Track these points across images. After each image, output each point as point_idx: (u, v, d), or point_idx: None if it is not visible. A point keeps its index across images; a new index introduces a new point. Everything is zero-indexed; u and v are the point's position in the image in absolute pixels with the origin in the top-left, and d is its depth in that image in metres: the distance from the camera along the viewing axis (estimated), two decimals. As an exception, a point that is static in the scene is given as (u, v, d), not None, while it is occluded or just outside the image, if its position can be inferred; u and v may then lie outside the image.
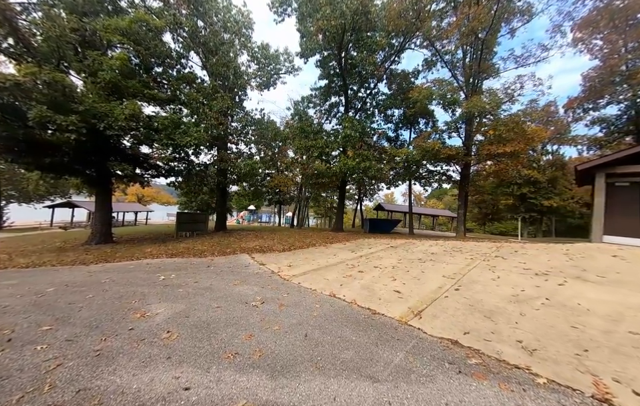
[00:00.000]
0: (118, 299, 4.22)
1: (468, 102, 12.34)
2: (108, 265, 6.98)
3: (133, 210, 37.76)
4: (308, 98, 17.84)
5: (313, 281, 5.40)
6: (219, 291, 4.65)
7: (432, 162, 15.31)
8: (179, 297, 4.34)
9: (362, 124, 14.44)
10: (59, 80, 6.72)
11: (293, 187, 29.45)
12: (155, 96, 9.82)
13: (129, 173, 9.18)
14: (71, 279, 5.45)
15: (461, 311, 3.73)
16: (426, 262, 6.62)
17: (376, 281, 5.24)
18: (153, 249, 9.46)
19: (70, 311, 3.75)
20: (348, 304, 4.12)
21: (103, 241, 10.92)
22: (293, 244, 10.64)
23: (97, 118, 7.52)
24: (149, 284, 5.06)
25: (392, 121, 18.90)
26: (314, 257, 7.94)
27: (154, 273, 5.98)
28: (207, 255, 8.28)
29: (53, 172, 9.46)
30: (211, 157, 15.69)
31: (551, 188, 34.40)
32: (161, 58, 12.35)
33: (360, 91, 17.94)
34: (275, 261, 7.42)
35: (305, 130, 15.14)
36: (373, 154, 14.83)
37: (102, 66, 8.75)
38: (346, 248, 9.65)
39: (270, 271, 6.21)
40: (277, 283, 5.22)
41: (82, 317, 3.54)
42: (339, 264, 6.87)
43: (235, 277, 5.68)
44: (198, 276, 5.71)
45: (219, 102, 12.94)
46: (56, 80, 6.67)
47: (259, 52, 18.88)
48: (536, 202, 34.15)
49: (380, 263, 6.78)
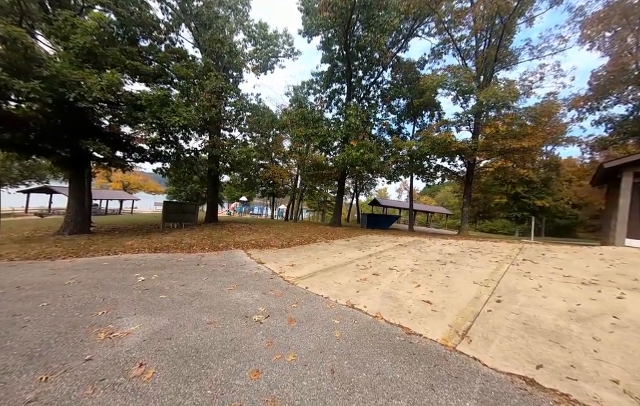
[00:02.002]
0: (80, 310, 3.29)
1: (485, 91, 11.64)
2: (79, 260, 5.95)
3: (118, 198, 35.78)
4: (309, 84, 16.75)
5: (323, 285, 4.60)
6: (211, 299, 3.78)
7: (440, 156, 14.65)
8: (161, 306, 3.46)
9: (366, 112, 13.56)
10: (17, 36, 5.52)
11: (288, 179, 28.43)
12: (138, 68, 8.60)
13: (107, 154, 8.02)
14: (26, 279, 4.44)
15: (517, 332, 3.02)
16: (447, 265, 5.93)
17: (398, 288, 4.49)
18: (135, 241, 8.42)
19: (10, 327, 2.81)
20: (373, 318, 3.35)
21: (78, 231, 9.75)
22: (292, 239, 9.81)
23: (66, 87, 6.35)
24: (124, 287, 4.13)
25: (395, 112, 18.09)
26: (318, 255, 7.14)
27: (132, 272, 5.04)
28: (197, 251, 7.34)
29: (15, 150, 8.14)
30: (202, 142, 14.48)
31: (544, 188, 34.78)
32: (147, 28, 11.04)
33: (364, 78, 16.97)
34: (274, 259, 6.57)
35: (305, 117, 14.12)
36: (377, 145, 14.01)
37: (76, 29, 7.51)
38: (350, 245, 8.89)
39: (271, 272, 5.37)
40: (281, 288, 4.40)
41: (23, 337, 2.62)
42: (348, 264, 6.09)
43: (230, 279, 4.81)
44: (186, 277, 4.81)
45: (212, 81, 11.75)
46: (13, 36, 5.48)
47: (257, 31, 17.60)
48: (529, 202, 34.47)
49: (395, 264, 6.04)
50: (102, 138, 8.34)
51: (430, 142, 12.88)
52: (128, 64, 8.36)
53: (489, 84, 12.77)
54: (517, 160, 13.83)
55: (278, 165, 26.49)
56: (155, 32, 11.96)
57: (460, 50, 14.64)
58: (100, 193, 33.82)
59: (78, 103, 6.53)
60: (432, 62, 17.95)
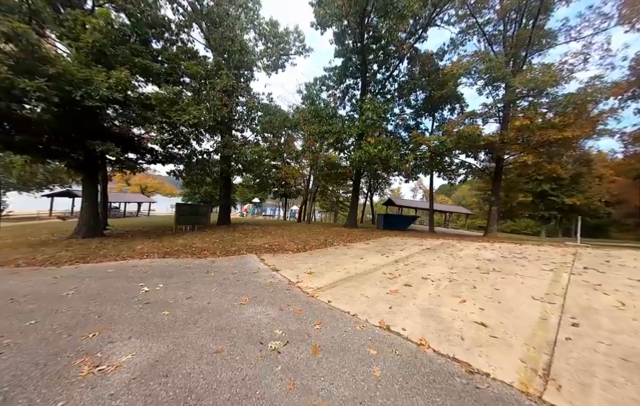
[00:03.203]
0: (70, 330, 2.82)
1: (520, 77, 10.52)
2: (85, 267, 5.63)
3: (135, 201, 36.71)
4: (321, 80, 16.14)
5: (348, 298, 3.96)
6: (220, 316, 3.23)
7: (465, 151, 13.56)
8: (161, 327, 2.93)
9: (383, 107, 12.78)
10: (22, 33, 5.30)
11: (300, 179, 27.96)
12: (148, 67, 8.32)
13: (116, 155, 7.79)
14: (24, 289, 4.09)
15: (618, 371, 2.25)
16: (491, 274, 5.12)
17: (439, 303, 3.77)
18: (145, 245, 8.11)
19: (-16, 354, 2.36)
20: (417, 347, 2.67)
21: (91, 234, 9.63)
22: (307, 242, 9.22)
23: (73, 86, 6.10)
24: (124, 301, 3.67)
25: (412, 107, 17.13)
26: (337, 260, 6.50)
27: (137, 281, 4.60)
28: (208, 256, 6.89)
29: (27, 153, 8.10)
30: (214, 143, 14.23)
31: (574, 184, 32.36)
32: (159, 28, 10.82)
33: (379, 72, 16.15)
34: (289, 265, 5.99)
35: (319, 113, 13.50)
36: (395, 141, 13.18)
37: (85, 28, 7.30)
38: (371, 249, 8.18)
39: (287, 281, 4.78)
40: (300, 302, 3.79)
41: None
42: (373, 272, 5.41)
43: (242, 289, 4.26)
44: (193, 287, 4.31)
45: (223, 80, 11.41)
46: (18, 33, 5.26)
47: (267, 29, 17.22)
48: (557, 200, 32.22)
49: (428, 272, 5.29)
50: (111, 139, 8.11)
51: (455, 136, 11.86)
52: (137, 62, 8.09)
53: (521, 70, 11.58)
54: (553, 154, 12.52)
55: (290, 165, 26.09)
56: (167, 33, 11.79)
57: (486, 35, 13.42)
58: (119, 196, 34.81)
59: (85, 102, 6.27)
60: (451, 53, 16.85)
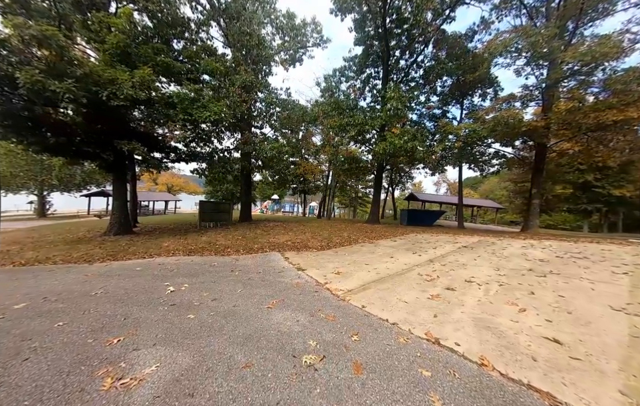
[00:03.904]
0: (96, 334, 2.70)
1: (573, 51, 9.24)
2: (115, 264, 5.71)
3: (163, 199, 38.57)
4: (341, 71, 15.59)
5: (384, 303, 3.56)
6: (247, 322, 2.98)
7: (502, 139, 12.34)
8: (186, 333, 2.73)
9: (408, 95, 11.98)
10: (51, 36, 5.43)
11: (319, 175, 27.66)
12: (169, 65, 8.35)
13: (142, 154, 7.95)
14: (57, 287, 4.14)
15: None
16: (548, 277, 4.46)
17: (493, 311, 3.26)
18: (171, 243, 8.22)
19: (13, 359, 2.28)
20: (479, 368, 2.23)
21: (122, 231, 10.01)
22: (330, 239, 8.89)
23: (99, 86, 6.21)
24: (150, 302, 3.55)
25: (439, 94, 16.04)
26: (365, 259, 6.09)
27: (162, 279, 4.53)
28: (231, 253, 6.79)
29: (61, 154, 8.53)
30: (235, 140, 14.28)
31: (622, 174, 28.98)
32: (179, 28, 10.90)
33: (403, 58, 15.23)
34: (315, 263, 5.68)
35: (340, 105, 12.99)
36: (422, 131, 12.35)
37: (110, 30, 7.43)
38: (400, 247, 7.66)
39: (314, 282, 4.47)
40: (331, 307, 3.46)
41: (17, 378, 2.03)
42: (407, 273, 4.94)
43: (269, 290, 4.01)
44: (218, 287, 4.13)
45: (242, 76, 11.30)
46: (47, 36, 5.39)
47: (284, 22, 16.94)
48: (603, 191, 29.10)
49: (471, 274, 4.73)
50: (137, 139, 8.27)
51: (491, 123, 10.77)
52: (159, 61, 8.14)
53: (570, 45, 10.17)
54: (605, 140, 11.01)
55: (308, 161, 25.85)
56: (187, 33, 11.89)
57: (527, 8, 11.96)
58: (148, 195, 36.74)
59: (111, 101, 6.36)
60: (482, 34, 15.50)
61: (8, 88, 5.97)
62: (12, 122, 6.61)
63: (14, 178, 24.40)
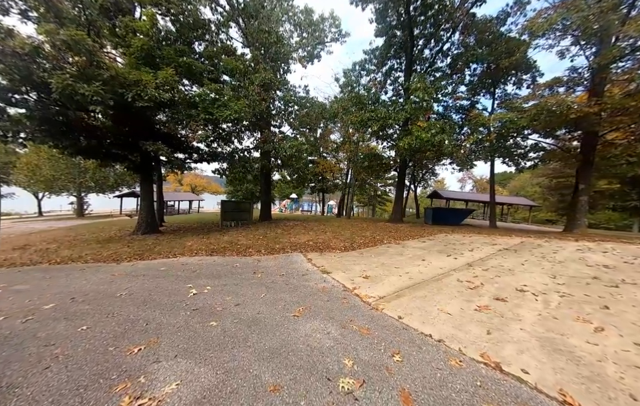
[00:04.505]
0: (117, 340, 2.57)
1: (632, 24, 8.05)
2: (141, 264, 5.76)
3: (187, 199, 40.17)
4: (361, 64, 15.02)
5: (424, 315, 3.14)
6: (272, 333, 2.71)
7: (543, 129, 11.09)
8: (209, 343, 2.52)
9: (435, 85, 11.18)
10: (80, 40, 5.58)
11: (338, 173, 27.22)
12: (191, 65, 8.40)
13: (167, 154, 8.09)
14: (85, 287, 4.16)
15: None
16: (622, 288, 3.78)
17: (560, 330, 2.73)
18: (194, 242, 8.28)
19: (34, 366, 2.18)
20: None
21: (149, 231, 10.32)
22: (353, 240, 8.49)
23: (125, 88, 6.34)
24: (173, 305, 3.41)
25: (467, 84, 14.93)
26: (393, 262, 5.64)
27: (185, 281, 4.42)
28: (253, 253, 6.64)
29: (92, 156, 8.94)
30: (254, 140, 14.31)
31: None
32: (200, 30, 11.00)
33: (428, 47, 14.32)
34: (340, 266, 5.34)
35: (361, 100, 12.48)
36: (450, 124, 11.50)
37: (135, 34, 7.58)
38: (431, 248, 7.10)
39: (341, 287, 4.13)
40: (364, 317, 3.10)
41: (35, 390, 1.90)
42: (444, 278, 4.45)
43: (294, 296, 3.74)
44: (241, 291, 3.93)
45: (261, 74, 11.20)
46: (77, 41, 5.55)
47: (302, 18, 16.68)
48: (658, 186, 25.88)
49: (520, 281, 4.15)
50: (161, 140, 8.41)
51: (532, 110, 9.66)
52: (181, 61, 8.20)
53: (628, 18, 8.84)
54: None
55: (327, 159, 25.50)
56: (207, 35, 12.01)
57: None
58: (173, 195, 38.42)
59: (136, 103, 6.47)
60: (516, 16, 14.20)
61: (44, 94, 6.27)
62: (49, 127, 6.98)
63: (56, 180, 26.48)
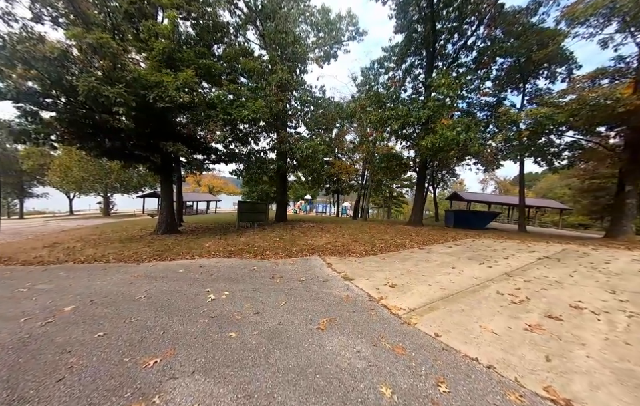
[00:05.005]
0: (133, 350, 2.42)
1: None
2: (160, 265, 5.74)
3: (205, 200, 41.26)
4: (379, 62, 14.57)
5: (465, 333, 2.76)
6: (296, 348, 2.46)
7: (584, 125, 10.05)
8: (228, 358, 2.30)
9: (460, 81, 10.53)
10: (104, 43, 5.69)
11: (353, 174, 26.78)
12: (210, 67, 8.42)
13: (186, 155, 8.17)
14: (105, 289, 4.13)
15: None
16: None
17: (634, 360, 2.27)
18: (212, 243, 8.26)
19: (48, 377, 2.06)
20: None
21: (169, 230, 10.50)
22: (373, 243, 8.12)
23: (147, 89, 6.41)
24: (190, 312, 3.26)
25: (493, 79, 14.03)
26: (419, 268, 5.24)
27: (203, 284, 4.29)
28: (270, 256, 6.46)
29: (116, 157, 9.22)
30: (270, 140, 14.29)
31: None
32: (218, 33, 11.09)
33: (451, 41, 13.62)
34: (362, 272, 5.02)
35: (380, 98, 12.05)
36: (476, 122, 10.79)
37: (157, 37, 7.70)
38: (459, 254, 6.60)
39: (366, 296, 3.82)
40: (395, 332, 2.78)
41: (47, 405, 1.76)
42: (481, 290, 4.01)
43: (316, 305, 3.48)
44: (260, 297, 3.73)
45: (279, 74, 11.11)
46: (102, 44, 5.66)
47: (319, 18, 16.51)
48: None
49: (572, 296, 3.64)
50: (181, 141, 8.49)
51: (573, 105, 8.77)
52: (201, 63, 8.23)
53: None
54: None
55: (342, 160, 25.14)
56: (226, 38, 12.12)
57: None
58: (192, 196, 39.59)
59: (157, 104, 6.53)
60: (548, 5, 13.20)
61: (72, 97, 6.48)
62: (76, 129, 7.23)
63: (85, 181, 28.04)
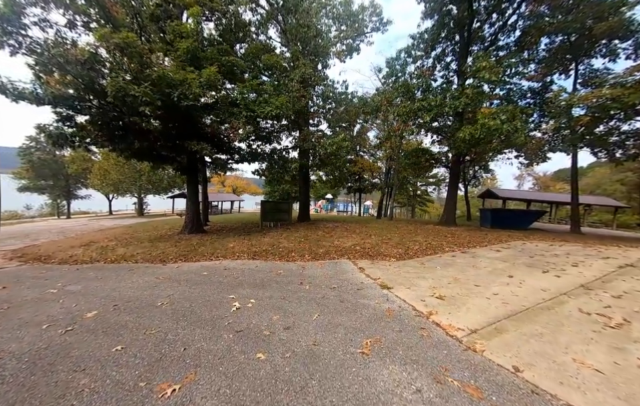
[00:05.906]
0: (151, 369, 2.10)
1: None
2: (185, 266, 5.60)
3: (229, 199, 42.53)
4: (407, 50, 13.60)
5: (557, 370, 2.11)
6: (339, 380, 1.99)
7: None
8: (258, 391, 1.89)
9: (503, 64, 9.34)
10: (131, 43, 5.69)
11: (376, 172, 25.84)
12: (233, 64, 8.26)
13: (209, 154, 8.10)
14: (129, 293, 3.97)
15: None
16: None
17: None
18: (236, 244, 8.08)
19: (58, 399, 1.78)
20: None
21: (195, 230, 10.58)
22: (406, 245, 7.43)
23: (171, 88, 6.35)
24: (214, 323, 2.92)
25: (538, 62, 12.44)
26: (467, 276, 4.53)
27: (227, 290, 3.98)
28: (296, 258, 6.07)
29: (144, 158, 9.45)
30: (292, 139, 14.02)
31: None
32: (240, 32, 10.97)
33: (486, 24, 12.31)
34: (401, 279, 4.43)
35: (410, 88, 11.19)
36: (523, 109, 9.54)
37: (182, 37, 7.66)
38: (513, 260, 5.74)
39: (412, 311, 3.25)
40: (461, 364, 2.20)
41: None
42: (556, 306, 3.26)
43: (353, 320, 2.98)
44: (289, 307, 3.32)
45: (301, 69, 10.75)
46: (128, 44, 5.66)
47: (341, 10, 15.93)
48: None
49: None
50: (205, 140, 8.44)
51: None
52: (224, 61, 8.09)
53: None
54: None
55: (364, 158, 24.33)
56: (247, 37, 12.00)
57: None
58: (217, 196, 40.98)
59: (182, 102, 6.44)
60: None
61: (103, 100, 6.61)
62: (108, 131, 7.43)
63: (122, 183, 30.01)
